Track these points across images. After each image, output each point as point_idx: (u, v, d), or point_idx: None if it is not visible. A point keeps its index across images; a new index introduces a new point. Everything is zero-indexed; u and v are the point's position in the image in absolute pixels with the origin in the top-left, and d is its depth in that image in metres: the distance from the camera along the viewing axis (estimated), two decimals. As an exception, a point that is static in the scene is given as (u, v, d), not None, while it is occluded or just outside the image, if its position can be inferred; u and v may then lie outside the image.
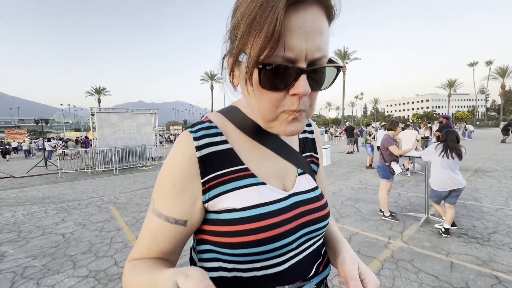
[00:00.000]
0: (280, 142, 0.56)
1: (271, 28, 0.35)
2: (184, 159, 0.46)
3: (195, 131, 0.49)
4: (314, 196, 0.55)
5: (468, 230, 3.30)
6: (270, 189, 0.50)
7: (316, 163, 0.65)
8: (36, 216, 4.64)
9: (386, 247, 2.97)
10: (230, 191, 0.47)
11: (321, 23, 0.39)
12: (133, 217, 4.34)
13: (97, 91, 64.36)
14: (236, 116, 0.54)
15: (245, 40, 0.39)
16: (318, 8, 0.39)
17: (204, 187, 0.47)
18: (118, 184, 7.43)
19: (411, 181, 6.26)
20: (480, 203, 4.36)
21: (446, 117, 8.30)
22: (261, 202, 0.48)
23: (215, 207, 0.48)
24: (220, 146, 0.49)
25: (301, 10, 0.37)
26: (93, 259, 2.92)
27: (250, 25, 0.37)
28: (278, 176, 0.54)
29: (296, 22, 0.36)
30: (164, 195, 0.47)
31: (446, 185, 3.12)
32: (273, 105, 0.42)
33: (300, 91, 0.39)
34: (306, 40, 0.37)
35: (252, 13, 0.37)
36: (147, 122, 12.50)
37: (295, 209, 0.51)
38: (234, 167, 0.49)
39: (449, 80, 65.89)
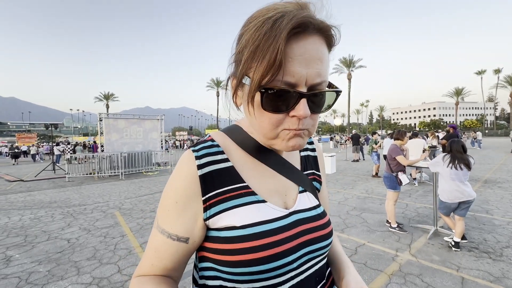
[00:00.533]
0: (281, 160, 0.56)
1: (272, 56, 0.38)
2: (186, 177, 0.48)
3: (197, 150, 0.50)
4: (316, 214, 0.55)
5: (479, 244, 3.19)
6: (270, 207, 0.50)
7: (319, 180, 0.65)
8: (43, 220, 4.69)
9: (393, 260, 2.89)
10: (230, 209, 0.48)
11: (321, 51, 0.42)
12: (138, 223, 4.34)
13: (105, 97, 65.67)
14: (238, 135, 0.56)
15: (248, 65, 0.41)
16: (319, 37, 0.42)
17: (205, 204, 0.48)
18: (124, 189, 7.48)
19: (418, 191, 6.13)
20: (491, 216, 4.24)
21: (453, 126, 8.17)
22: (260, 220, 0.48)
23: (215, 225, 0.48)
24: (221, 164, 0.50)
25: (302, 39, 0.40)
26: (97, 266, 2.92)
27: (254, 51, 0.40)
28: (279, 194, 0.54)
29: (297, 50, 0.39)
30: (167, 212, 0.48)
31: (455, 196, 3.04)
32: (273, 125, 0.44)
33: (300, 113, 0.41)
34: (307, 66, 0.40)
35: (256, 41, 0.39)
36: (154, 128, 12.65)
37: (296, 227, 0.51)
38: (234, 185, 0.49)
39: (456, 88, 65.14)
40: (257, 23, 0.40)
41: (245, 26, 0.44)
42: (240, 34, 0.45)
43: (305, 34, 0.40)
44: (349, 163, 12.04)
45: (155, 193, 6.75)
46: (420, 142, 6.95)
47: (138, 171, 10.86)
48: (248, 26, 0.43)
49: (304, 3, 0.42)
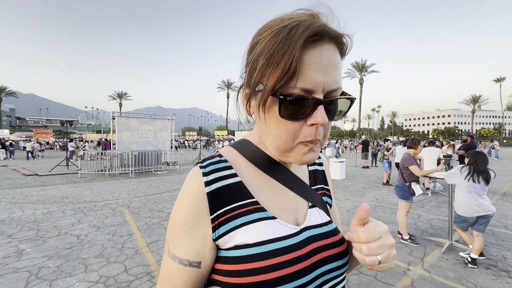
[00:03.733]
0: (291, 175, 0.54)
1: (288, 63, 0.38)
2: (193, 196, 0.46)
3: (204, 166, 0.49)
4: (328, 231, 0.52)
5: (498, 262, 3.03)
6: (281, 223, 0.47)
7: (328, 195, 0.61)
8: (55, 215, 4.81)
9: (405, 274, 2.78)
10: (239, 227, 0.45)
11: (336, 58, 0.42)
12: (145, 222, 4.38)
13: (119, 96, 67.38)
14: (247, 149, 0.54)
15: (263, 72, 0.41)
16: (333, 45, 0.42)
17: (213, 223, 0.45)
18: (133, 187, 7.59)
19: (432, 202, 5.92)
20: (510, 231, 4.03)
21: (470, 135, 7.86)
22: (270, 238, 0.45)
23: (225, 245, 0.45)
24: (229, 180, 0.48)
25: (318, 46, 0.40)
26: (104, 264, 2.95)
27: (269, 59, 0.40)
28: (290, 210, 0.51)
29: (314, 57, 0.40)
30: (176, 235, 0.46)
31: (473, 211, 2.90)
32: (289, 136, 0.43)
33: (319, 120, 0.40)
34: (324, 73, 0.40)
35: (271, 49, 0.40)
36: (164, 128, 12.83)
37: (308, 245, 0.47)
38: (243, 201, 0.47)
39: (473, 96, 63.02)
40: (273, 32, 0.40)
41: (258, 35, 0.44)
42: (254, 43, 0.44)
43: (321, 42, 0.41)
44: (359, 169, 11.81)
45: (163, 193, 6.81)
46: (435, 151, 6.73)
47: (148, 170, 11.02)
48: (262, 35, 0.43)
49: (316, 14, 0.43)
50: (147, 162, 11.05)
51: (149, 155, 11.15)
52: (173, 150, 13.57)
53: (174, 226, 0.47)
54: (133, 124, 11.82)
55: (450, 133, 63.53)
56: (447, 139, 9.95)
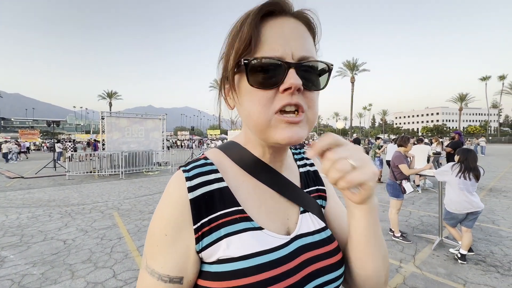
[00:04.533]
0: (281, 179, 0.50)
1: (244, 34, 0.39)
2: (175, 203, 0.42)
3: (188, 169, 0.45)
4: (321, 239, 0.47)
5: (486, 257, 3.09)
6: (268, 234, 0.43)
7: (324, 196, 0.57)
8: (40, 219, 4.64)
9: (397, 271, 2.80)
10: (223, 238, 0.41)
11: (302, 30, 0.42)
12: (136, 225, 4.27)
13: (109, 95, 65.99)
14: (234, 151, 0.50)
15: (228, 49, 0.42)
16: (296, 20, 0.42)
17: (197, 234, 0.41)
18: (123, 189, 7.43)
19: (422, 199, 6.02)
20: (497, 226, 4.13)
21: (458, 133, 8.05)
22: (256, 251, 0.40)
23: (209, 258, 0.41)
24: (214, 185, 0.44)
25: (279, 20, 0.41)
26: (92, 270, 2.85)
27: (231, 42, 0.41)
28: (280, 218, 0.47)
29: (276, 29, 0.40)
30: (155, 247, 0.42)
31: (463, 207, 2.95)
32: (263, 106, 0.39)
33: (291, 82, 0.37)
34: (288, 40, 0.39)
35: (233, 32, 0.42)
36: (155, 127, 12.62)
37: (299, 256, 0.43)
38: (228, 209, 0.43)
39: (460, 94, 64.74)
40: (237, 21, 0.42)
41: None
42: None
43: (282, 17, 0.41)
44: (351, 168, 11.93)
45: (155, 194, 6.69)
46: (425, 148, 6.85)
47: (139, 171, 10.82)
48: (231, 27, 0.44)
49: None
50: (138, 162, 10.84)
51: (140, 156, 10.95)
52: (165, 150, 13.38)
53: (153, 237, 0.42)
54: (124, 124, 11.56)
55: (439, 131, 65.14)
56: (436, 137, 10.16)
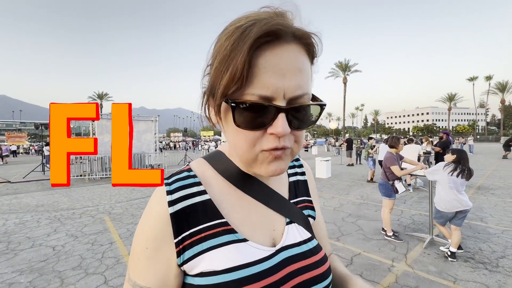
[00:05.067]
0: (267, 190, 0.49)
1: (236, 67, 0.34)
2: (155, 217, 0.42)
3: (170, 183, 0.44)
4: (308, 250, 0.47)
5: (475, 254, 3.16)
6: (253, 246, 0.43)
7: (311, 207, 0.57)
8: (28, 225, 4.51)
9: (389, 270, 2.83)
10: (206, 251, 0.41)
11: (300, 61, 0.38)
12: (128, 229, 4.20)
13: (99, 96, 64.86)
14: (219, 162, 0.49)
15: (216, 76, 0.38)
16: (297, 45, 0.38)
17: (178, 248, 0.41)
18: (115, 192, 7.30)
19: (413, 198, 6.13)
20: (485, 224, 4.23)
21: (446, 132, 8.25)
22: (240, 264, 0.40)
23: (191, 271, 0.41)
24: (196, 198, 0.44)
25: (277, 47, 0.36)
26: (82, 276, 2.79)
27: (220, 62, 0.37)
28: (265, 229, 0.46)
29: (272, 59, 0.35)
30: (137, 261, 0.42)
31: (453, 206, 3.01)
32: (249, 145, 0.38)
33: (278, 131, 0.36)
34: (284, 77, 0.36)
35: (223, 51, 0.36)
36: (148, 129, 12.47)
37: (283, 268, 0.43)
38: (211, 222, 0.43)
39: (449, 94, 66.36)
40: (229, 32, 0.37)
41: (217, 37, 0.40)
42: (213, 46, 0.41)
43: (280, 43, 0.36)
44: (344, 167, 12.05)
45: (147, 197, 6.59)
46: (416, 148, 6.98)
47: (131, 173, 10.64)
48: (219, 36, 0.39)
49: (281, 12, 0.38)
50: (130, 165, 10.66)
51: (132, 158, 10.74)
52: (158, 152, 13.22)
53: (135, 250, 0.43)
54: (115, 126, 11.37)
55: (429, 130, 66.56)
56: (426, 136, 10.38)
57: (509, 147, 15.42)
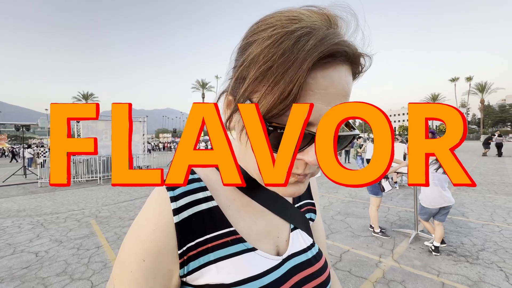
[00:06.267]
0: (272, 195, 0.48)
1: (288, 88, 0.29)
2: (157, 227, 0.37)
3: (173, 188, 0.40)
4: (312, 257, 0.48)
5: (457, 248, 3.30)
6: (261, 255, 0.42)
7: (313, 210, 0.58)
8: (8, 231, 4.31)
9: (377, 266, 2.91)
10: (213, 262, 0.39)
11: (348, 86, 0.34)
12: (115, 232, 4.10)
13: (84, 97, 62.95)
14: None
15: (254, 87, 0.32)
16: (348, 67, 0.33)
17: (182, 259, 0.38)
18: (102, 195, 7.10)
19: (399, 195, 6.31)
20: (466, 218, 4.42)
21: (432, 131, 8.54)
22: (250, 276, 0.39)
23: (195, 281, 0.39)
24: (203, 205, 0.41)
25: (330, 68, 0.31)
26: (67, 282, 2.70)
27: (264, 73, 0.31)
28: (271, 237, 0.46)
29: (323, 82, 0.31)
30: (130, 274, 0.37)
31: (437, 202, 3.13)
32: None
33: (310, 160, 0.33)
34: (329, 103, 0.32)
35: (269, 60, 0.30)
36: (136, 130, 12.20)
37: (291, 278, 0.43)
38: (219, 231, 0.41)
39: (432, 94, 68.77)
40: (274, 36, 0.31)
41: (254, 33, 0.34)
42: (247, 43, 0.35)
43: (334, 63, 0.31)
44: (333, 166, 12.26)
45: (135, 199, 6.46)
46: (401, 146, 7.18)
47: (118, 175, 10.40)
48: (260, 35, 0.33)
49: (334, 18, 0.33)
50: (117, 167, 10.41)
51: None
52: (146, 154, 12.98)
53: (127, 261, 0.37)
54: (101, 127, 11.06)
55: (414, 129, 68.51)
56: (411, 135, 10.70)
57: (489, 145, 16.16)
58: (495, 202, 5.41)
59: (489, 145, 16.15)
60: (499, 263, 2.90)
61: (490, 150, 16.28)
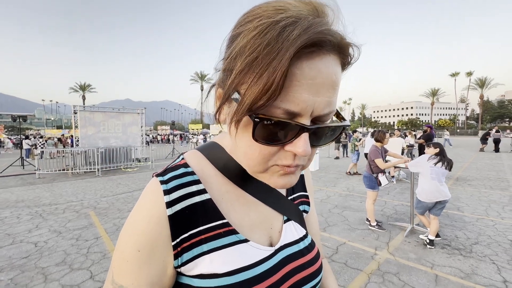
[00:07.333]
0: (265, 187, 0.48)
1: (272, 78, 0.29)
2: (151, 219, 0.38)
3: (166, 181, 0.41)
4: (304, 247, 0.49)
5: (451, 241, 3.35)
6: (254, 246, 0.43)
7: (307, 202, 0.58)
8: (7, 222, 4.33)
9: (372, 258, 2.96)
10: (206, 253, 0.40)
11: (337, 76, 0.33)
12: (114, 224, 4.13)
13: (81, 88, 62.22)
14: (218, 157, 0.47)
15: (241, 79, 0.32)
16: (336, 57, 0.33)
17: (176, 250, 0.39)
18: (100, 187, 7.11)
19: (396, 189, 6.37)
20: (462, 213, 4.48)
21: (430, 126, 8.59)
22: (242, 266, 0.40)
23: (189, 272, 0.40)
24: (196, 198, 0.41)
25: (316, 57, 0.31)
26: (67, 272, 2.73)
27: (249, 64, 0.30)
28: (263, 228, 0.47)
29: (309, 72, 0.30)
30: (126, 263, 0.38)
31: (433, 196, 3.16)
32: (263, 158, 0.35)
33: (299, 151, 0.33)
34: (317, 94, 0.31)
35: (254, 51, 0.30)
36: (133, 122, 12.15)
37: (283, 268, 0.44)
38: (212, 223, 0.41)
39: (432, 89, 68.63)
40: (259, 27, 0.31)
41: (241, 24, 0.34)
42: (234, 34, 0.35)
43: (320, 53, 0.31)
44: (332, 160, 12.30)
45: (134, 191, 6.48)
46: (399, 141, 7.21)
47: (117, 167, 10.39)
48: (246, 25, 0.33)
49: (321, 7, 0.33)
50: (115, 159, 10.39)
51: (118, 152, 10.50)
52: (144, 146, 12.96)
53: (123, 252, 0.39)
54: (99, 119, 11.00)
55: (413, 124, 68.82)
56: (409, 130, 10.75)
57: (486, 141, 16.25)
58: (490, 197, 5.48)
59: (487, 141, 16.25)
60: (491, 256, 2.96)
61: (487, 146, 16.40)
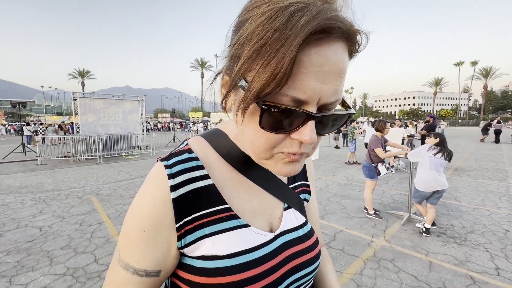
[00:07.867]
0: (268, 174, 0.50)
1: (280, 65, 0.29)
2: (155, 201, 0.40)
3: (170, 165, 0.42)
4: (303, 234, 0.50)
5: (447, 230, 3.42)
6: (254, 231, 0.45)
7: (308, 191, 0.59)
8: (12, 207, 4.42)
9: (369, 245, 3.03)
10: (208, 236, 0.41)
11: (344, 64, 0.33)
12: (116, 209, 4.21)
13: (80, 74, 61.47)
14: (222, 144, 0.48)
15: (248, 66, 0.32)
16: (344, 44, 0.33)
17: (179, 232, 0.41)
18: (102, 173, 7.19)
19: (395, 178, 6.43)
20: (459, 202, 4.54)
21: (432, 116, 8.54)
22: (242, 249, 0.42)
23: (192, 253, 0.42)
24: (199, 183, 0.43)
25: (325, 44, 0.30)
26: (71, 255, 2.81)
27: (257, 51, 0.30)
28: (264, 214, 0.48)
29: (316, 59, 0.30)
30: (132, 243, 0.40)
31: (431, 186, 3.20)
32: (269, 146, 0.36)
33: (305, 139, 0.33)
34: (324, 82, 0.31)
35: (262, 37, 0.30)
36: (134, 109, 12.11)
37: (282, 253, 0.46)
38: (214, 207, 0.43)
39: (435, 78, 67.65)
40: (268, 12, 0.30)
41: (249, 10, 0.34)
42: (241, 20, 0.34)
43: (329, 39, 0.31)
44: (332, 150, 12.33)
45: (135, 178, 6.55)
46: (400, 131, 7.20)
47: (118, 155, 10.46)
48: (254, 12, 0.32)
49: None
50: (116, 146, 10.43)
51: (119, 139, 10.52)
52: (145, 133, 12.97)
53: (129, 232, 0.40)
54: (99, 106, 10.95)
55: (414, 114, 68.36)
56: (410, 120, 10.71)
57: (487, 131, 16.19)
58: (487, 187, 5.53)
59: (488, 132, 16.19)
60: (486, 244, 3.03)
61: (488, 137, 16.36)
